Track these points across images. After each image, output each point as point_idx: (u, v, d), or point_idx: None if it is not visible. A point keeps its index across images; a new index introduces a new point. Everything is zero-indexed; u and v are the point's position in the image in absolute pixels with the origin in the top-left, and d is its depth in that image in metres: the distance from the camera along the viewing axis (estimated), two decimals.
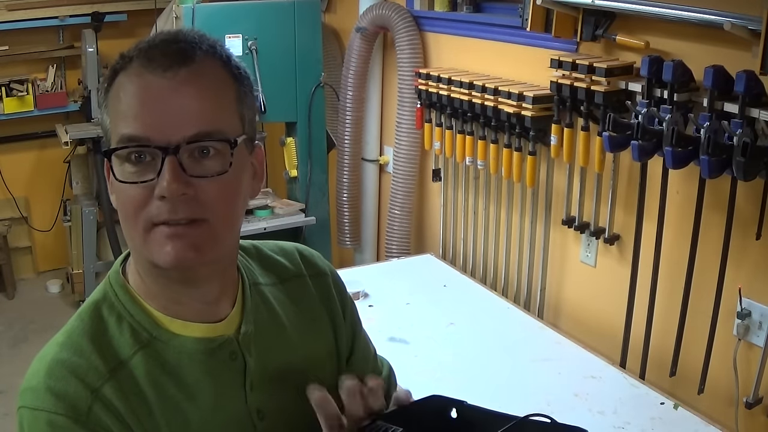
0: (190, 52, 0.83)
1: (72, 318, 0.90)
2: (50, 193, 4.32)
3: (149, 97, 0.81)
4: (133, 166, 0.81)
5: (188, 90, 0.82)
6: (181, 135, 0.81)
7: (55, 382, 0.82)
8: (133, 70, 0.83)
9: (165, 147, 0.80)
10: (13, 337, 3.77)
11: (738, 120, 1.74)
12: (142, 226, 0.82)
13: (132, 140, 0.81)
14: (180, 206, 0.81)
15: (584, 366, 2.09)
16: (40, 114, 4.10)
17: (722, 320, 1.96)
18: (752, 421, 1.94)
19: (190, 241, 0.82)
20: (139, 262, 0.89)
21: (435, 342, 2.23)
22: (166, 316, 0.89)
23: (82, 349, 0.85)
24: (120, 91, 0.83)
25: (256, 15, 3.05)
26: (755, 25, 1.70)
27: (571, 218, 2.41)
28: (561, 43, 2.33)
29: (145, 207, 0.81)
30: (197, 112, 0.82)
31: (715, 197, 1.95)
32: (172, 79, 0.81)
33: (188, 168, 0.81)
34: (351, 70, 3.25)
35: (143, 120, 0.81)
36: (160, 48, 0.83)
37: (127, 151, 0.81)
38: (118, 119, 0.82)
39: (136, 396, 0.85)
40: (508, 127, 2.47)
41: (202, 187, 0.82)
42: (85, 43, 3.81)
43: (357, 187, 3.47)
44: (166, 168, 0.80)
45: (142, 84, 0.82)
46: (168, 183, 0.79)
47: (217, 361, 0.90)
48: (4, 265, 4.22)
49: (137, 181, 0.81)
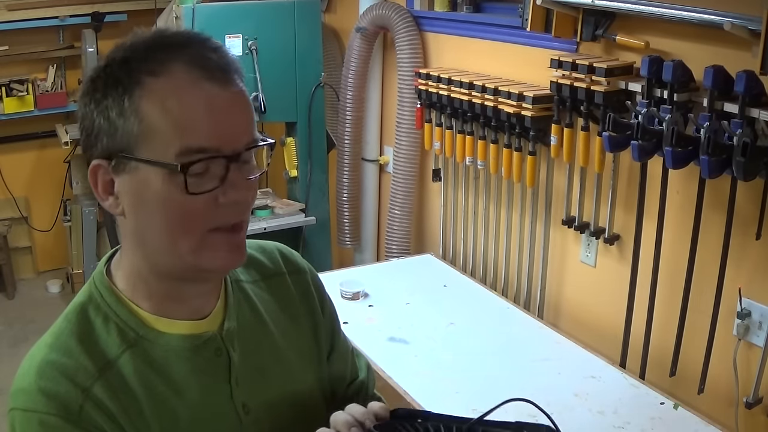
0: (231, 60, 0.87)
1: (59, 319, 0.91)
2: (50, 193, 4.32)
3: (217, 109, 0.82)
4: (196, 179, 0.82)
5: (243, 101, 0.86)
6: (242, 144, 0.85)
7: (46, 383, 0.82)
8: (184, 79, 0.82)
9: (230, 156, 0.83)
10: (13, 337, 3.77)
11: (738, 120, 1.74)
12: (199, 234, 0.84)
13: (202, 152, 0.82)
14: (246, 210, 0.88)
15: (584, 366, 2.09)
16: (40, 114, 4.09)
17: (722, 320, 1.96)
18: (752, 421, 1.94)
19: (238, 244, 0.88)
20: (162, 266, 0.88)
21: (435, 342, 2.23)
22: (151, 315, 0.90)
23: (70, 350, 0.86)
24: (168, 99, 0.81)
25: (256, 15, 3.05)
26: (755, 25, 1.70)
27: (571, 218, 2.41)
28: (561, 43, 2.33)
29: (205, 216, 0.84)
30: (249, 121, 0.87)
31: (715, 197, 1.95)
32: (229, 88, 0.84)
33: (243, 173, 0.86)
34: (351, 70, 3.25)
35: (215, 132, 0.82)
36: (212, 60, 0.84)
37: (201, 167, 0.82)
38: (175, 129, 0.81)
39: (125, 394, 0.86)
40: (508, 127, 2.47)
41: (252, 191, 0.88)
42: (85, 43, 3.81)
43: (357, 187, 3.47)
44: (234, 176, 0.84)
45: (205, 96, 0.82)
46: (240, 190, 0.84)
47: (203, 358, 0.92)
48: (4, 265, 4.22)
49: (204, 191, 0.83)
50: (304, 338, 1.06)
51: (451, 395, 1.94)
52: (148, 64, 0.82)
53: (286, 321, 1.04)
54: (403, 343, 2.22)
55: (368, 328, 2.29)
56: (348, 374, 1.16)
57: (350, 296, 2.47)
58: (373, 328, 2.30)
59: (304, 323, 1.07)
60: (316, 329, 1.08)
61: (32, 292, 4.31)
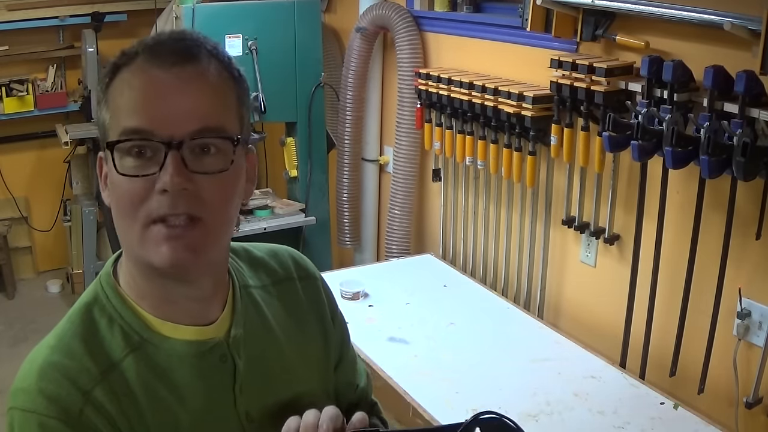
0: (195, 51, 0.84)
1: (63, 320, 0.90)
2: (50, 193, 4.32)
3: (155, 91, 0.81)
4: (135, 160, 0.81)
5: (193, 86, 0.82)
6: (185, 130, 0.81)
7: (47, 385, 0.82)
8: (138, 65, 0.83)
9: (168, 141, 0.80)
10: (13, 337, 3.77)
11: (738, 120, 1.74)
12: (140, 223, 0.82)
13: (136, 133, 0.80)
14: (180, 201, 0.81)
15: (584, 366, 2.09)
16: (40, 114, 4.09)
17: (722, 320, 1.96)
18: (752, 421, 1.94)
19: (186, 242, 0.82)
20: (132, 261, 0.88)
21: (435, 342, 2.23)
22: (156, 319, 0.89)
23: (73, 352, 0.85)
24: (123, 86, 0.83)
25: (256, 15, 3.05)
26: (755, 25, 1.70)
27: (571, 218, 2.41)
28: (561, 43, 2.33)
29: (144, 202, 0.81)
30: (201, 108, 0.82)
31: (715, 197, 1.95)
32: (178, 75, 0.82)
33: (190, 164, 0.81)
34: (351, 70, 3.25)
35: (148, 113, 0.80)
36: (166, 45, 0.84)
37: (130, 144, 0.80)
38: (121, 113, 0.82)
39: (127, 398, 0.84)
40: (508, 127, 2.47)
41: (202, 184, 0.82)
42: (85, 43, 3.81)
43: (357, 187, 3.47)
44: (169, 162, 0.79)
45: (147, 78, 0.82)
46: (171, 176, 0.79)
47: (208, 364, 0.91)
48: (4, 265, 4.22)
49: (138, 174, 0.80)
50: (312, 345, 1.05)
51: (451, 395, 1.94)
52: (125, 59, 0.84)
53: (293, 327, 1.02)
54: (403, 343, 2.22)
55: (368, 328, 2.29)
56: (355, 382, 1.15)
57: (350, 296, 2.47)
58: (373, 328, 2.30)
59: (312, 329, 1.05)
60: (326, 336, 1.06)
61: (32, 292, 4.31)
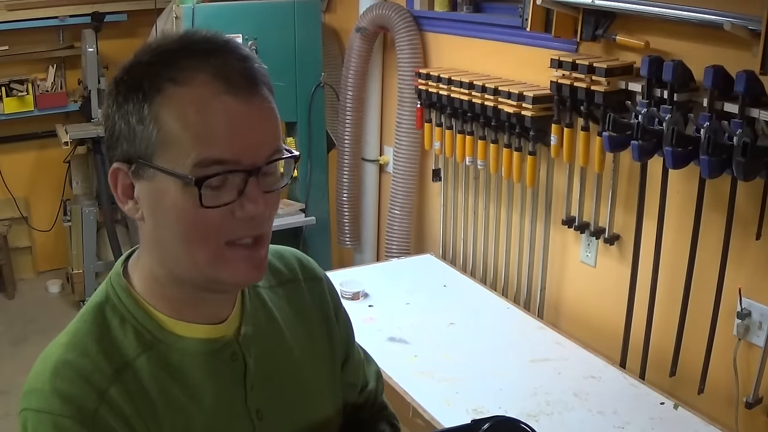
0: (257, 70, 0.85)
1: (74, 320, 0.90)
2: (50, 193, 4.32)
3: (236, 122, 0.81)
4: (212, 191, 0.81)
5: (267, 113, 0.84)
6: (262, 156, 0.83)
7: (62, 384, 0.81)
8: (204, 89, 0.80)
9: (250, 169, 0.81)
10: (13, 337, 3.76)
11: (738, 120, 1.74)
12: (214, 249, 0.83)
13: (220, 163, 0.80)
14: (258, 224, 0.85)
15: (584, 366, 2.09)
16: (40, 114, 4.09)
17: (722, 320, 1.96)
18: (752, 421, 1.94)
19: (258, 259, 0.87)
20: (180, 276, 0.87)
21: (435, 342, 2.23)
22: (170, 318, 0.89)
23: (87, 350, 0.84)
24: (188, 108, 0.80)
25: (256, 15, 3.05)
26: (755, 25, 1.70)
27: (571, 218, 2.41)
28: (561, 43, 2.33)
29: (221, 229, 0.83)
30: (273, 133, 0.85)
31: (715, 197, 1.95)
32: (252, 103, 0.82)
33: (263, 186, 0.84)
34: (351, 70, 3.25)
35: (233, 145, 0.80)
36: (235, 68, 0.82)
37: (218, 180, 0.80)
38: (194, 143, 0.80)
39: (141, 397, 0.85)
40: (508, 127, 2.47)
41: (270, 204, 0.86)
42: (85, 43, 3.81)
43: (357, 187, 3.47)
44: (252, 189, 0.82)
45: (223, 106, 0.80)
46: (256, 204, 0.82)
47: (219, 362, 0.91)
48: (4, 265, 4.22)
49: (220, 204, 0.81)
50: (318, 345, 1.06)
51: (451, 395, 1.94)
52: (170, 71, 0.81)
53: (300, 327, 1.03)
54: (403, 343, 2.22)
55: (368, 328, 2.29)
56: (360, 383, 1.16)
57: (350, 296, 2.47)
58: (373, 328, 2.30)
59: (318, 330, 1.06)
60: (330, 336, 1.08)
61: (32, 292, 4.31)
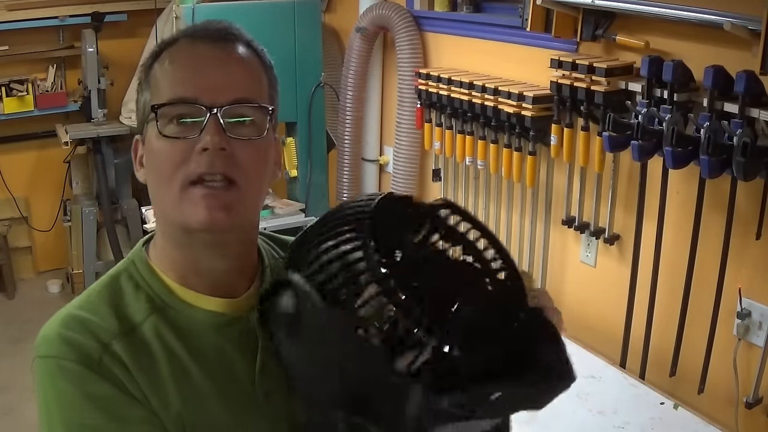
0: (236, 34, 0.93)
1: (90, 287, 0.94)
2: (50, 193, 4.32)
3: (198, 63, 0.89)
4: (176, 127, 0.87)
5: (233, 62, 0.90)
6: (225, 98, 0.87)
7: (68, 332, 0.85)
8: (181, 44, 0.91)
9: (210, 106, 0.86)
10: (12, 337, 3.76)
11: (738, 120, 1.74)
12: (178, 185, 0.86)
13: (181, 101, 0.87)
14: (218, 161, 0.86)
15: (584, 366, 2.09)
16: (40, 114, 4.09)
17: (722, 320, 1.96)
18: (752, 421, 1.94)
19: (222, 201, 0.87)
20: (167, 226, 0.92)
21: None
22: (178, 286, 0.92)
23: (98, 310, 0.88)
24: (165, 63, 0.90)
25: (256, 15, 3.05)
26: (755, 25, 1.70)
27: (571, 218, 2.41)
28: (561, 43, 2.33)
29: (184, 164, 0.86)
30: (240, 81, 0.90)
31: (715, 197, 1.95)
32: (220, 50, 0.90)
33: (228, 129, 0.87)
34: (351, 70, 3.25)
35: (192, 82, 0.87)
36: (209, 28, 0.92)
37: (175, 110, 0.86)
38: (165, 85, 0.88)
39: (145, 356, 0.87)
40: (508, 127, 2.47)
41: (238, 149, 0.88)
42: (85, 43, 3.81)
43: (357, 187, 3.47)
44: (209, 123, 0.86)
45: (191, 53, 0.90)
46: (211, 136, 0.85)
47: (226, 338, 0.92)
48: (4, 265, 4.21)
49: (180, 136, 0.86)
50: None
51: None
52: (165, 45, 0.92)
53: None
54: None
55: None
56: None
57: None
58: None
59: None
60: None
61: (32, 292, 4.31)
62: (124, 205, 4.02)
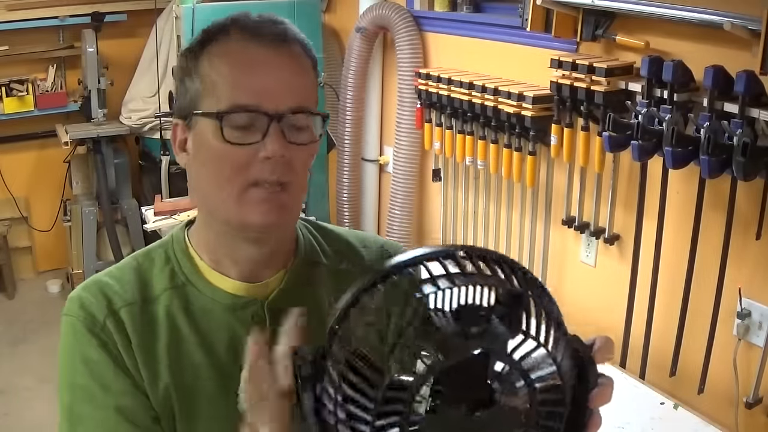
0: (290, 33, 0.92)
1: (127, 257, 1.00)
2: (50, 193, 4.31)
3: (258, 65, 0.89)
4: (238, 132, 0.88)
5: (291, 65, 0.91)
6: (286, 105, 0.89)
7: (85, 294, 0.92)
8: (236, 39, 0.90)
9: (272, 114, 0.88)
10: (12, 337, 3.76)
11: (738, 120, 1.74)
12: (238, 187, 0.89)
13: (244, 109, 0.88)
14: (278, 167, 0.89)
15: None
16: (40, 114, 4.09)
17: (722, 320, 1.96)
18: (752, 421, 1.94)
19: (278, 203, 0.90)
20: (209, 218, 0.95)
21: None
22: (207, 267, 0.96)
23: (124, 279, 0.94)
24: (223, 60, 0.89)
25: None
26: (755, 25, 1.70)
27: (571, 218, 2.41)
28: (561, 43, 2.33)
29: (245, 168, 0.88)
30: (299, 87, 0.91)
31: (715, 197, 1.95)
32: (281, 53, 0.90)
33: (288, 135, 0.89)
34: (351, 70, 3.24)
35: (253, 87, 0.88)
36: (263, 23, 0.92)
37: (239, 119, 0.88)
38: (223, 87, 0.88)
39: (148, 326, 0.92)
40: (508, 127, 2.47)
41: (295, 153, 0.90)
42: (85, 43, 3.81)
43: (357, 187, 3.47)
44: (272, 132, 0.88)
45: (249, 53, 0.89)
46: (273, 145, 0.87)
47: (238, 320, 0.94)
48: (4, 265, 4.21)
49: (244, 143, 0.88)
50: None
51: None
52: (214, 34, 0.92)
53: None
54: None
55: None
56: None
57: None
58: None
59: None
60: None
61: (32, 292, 4.31)
62: (124, 205, 4.02)
